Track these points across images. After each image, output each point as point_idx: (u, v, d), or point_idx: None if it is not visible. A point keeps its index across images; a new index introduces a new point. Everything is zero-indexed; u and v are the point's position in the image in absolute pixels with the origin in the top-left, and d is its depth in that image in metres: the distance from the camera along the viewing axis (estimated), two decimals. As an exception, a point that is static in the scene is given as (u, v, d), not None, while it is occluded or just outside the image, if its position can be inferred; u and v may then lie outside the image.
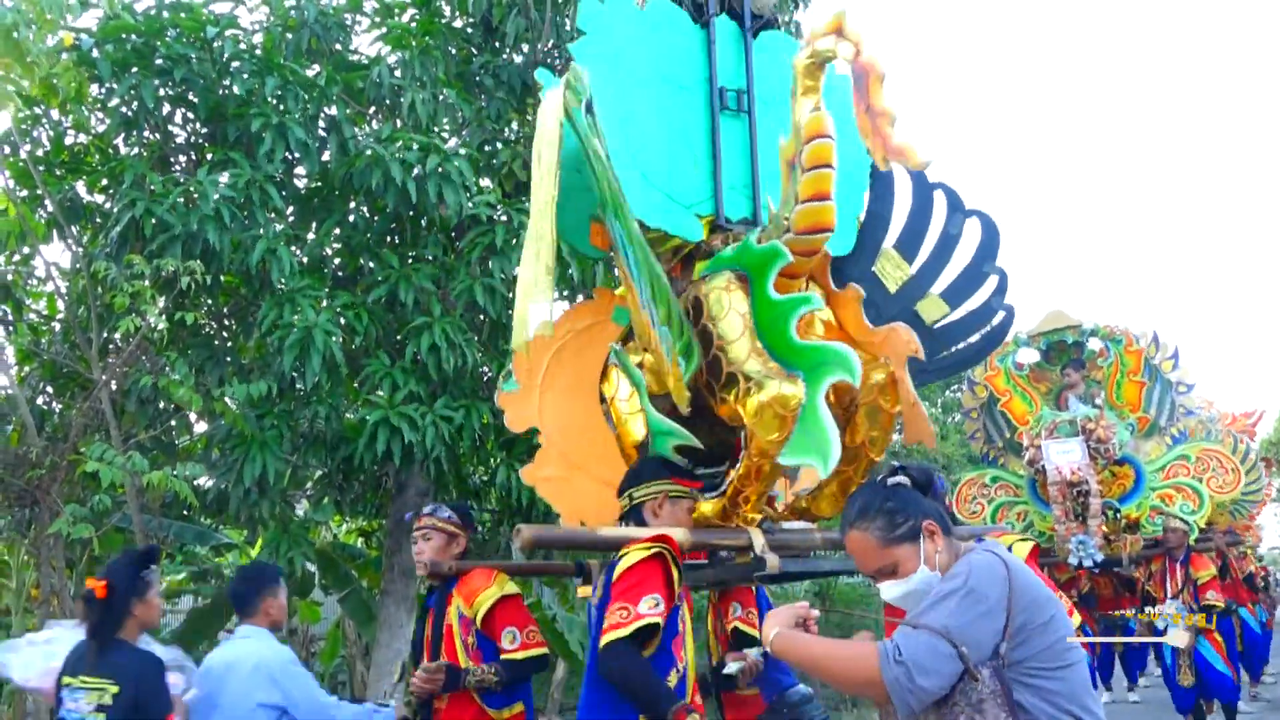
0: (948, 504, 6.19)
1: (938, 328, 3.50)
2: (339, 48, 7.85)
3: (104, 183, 7.06)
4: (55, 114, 7.05)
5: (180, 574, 10.55)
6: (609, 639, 2.64)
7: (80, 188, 7.17)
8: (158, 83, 6.65)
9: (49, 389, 7.45)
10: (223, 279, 6.99)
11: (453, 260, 7.31)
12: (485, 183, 7.95)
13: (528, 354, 3.07)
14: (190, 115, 7.23)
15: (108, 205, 7.00)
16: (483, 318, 7.33)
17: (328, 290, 7.03)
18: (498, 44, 8.34)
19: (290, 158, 7.09)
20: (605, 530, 2.90)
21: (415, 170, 6.69)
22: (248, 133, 6.67)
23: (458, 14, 8.60)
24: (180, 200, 6.38)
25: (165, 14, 6.89)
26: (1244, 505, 8.13)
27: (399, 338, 7.22)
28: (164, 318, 6.38)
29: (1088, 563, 5.93)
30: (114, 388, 6.70)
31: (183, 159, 7.44)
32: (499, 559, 6.66)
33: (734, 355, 2.92)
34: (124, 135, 7.11)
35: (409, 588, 7.61)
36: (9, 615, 7.62)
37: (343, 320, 6.79)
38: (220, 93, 6.96)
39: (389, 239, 7.61)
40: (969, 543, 2.12)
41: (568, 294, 7.53)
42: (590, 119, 2.92)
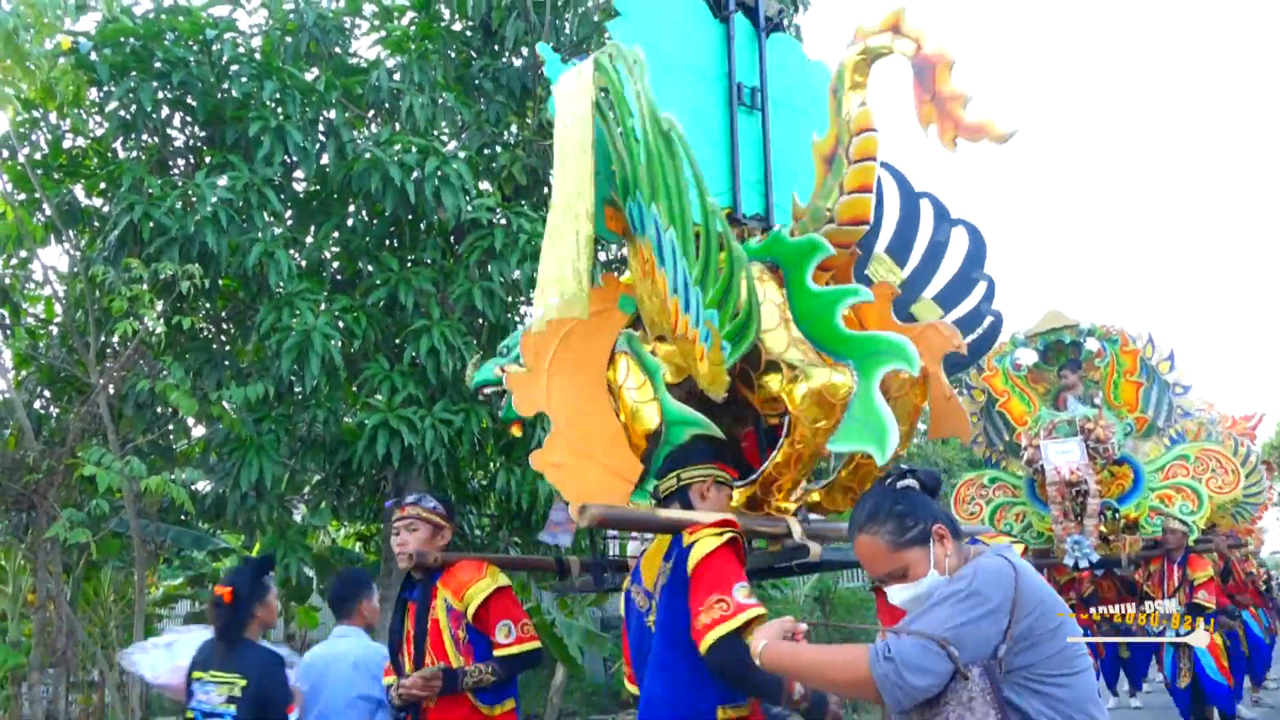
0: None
1: None
2: (338, 51, 7.90)
3: (102, 186, 7.11)
4: (53, 117, 7.10)
5: (177, 579, 10.58)
6: (718, 634, 2.54)
7: (78, 191, 7.22)
8: (156, 86, 6.71)
9: (46, 393, 7.50)
10: (221, 283, 7.04)
11: (452, 264, 7.36)
12: (484, 186, 8.01)
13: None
14: (188, 118, 7.29)
15: (105, 209, 7.06)
16: (482, 321, 7.38)
17: (326, 293, 7.07)
18: (497, 47, 8.40)
19: (289, 161, 7.14)
20: (665, 512, 2.89)
21: (414, 173, 6.73)
22: (246, 136, 6.72)
23: (457, 17, 8.66)
24: (178, 203, 6.43)
25: (164, 17, 6.95)
26: (1246, 508, 8.19)
27: (398, 341, 7.26)
28: (162, 321, 6.43)
29: (1083, 563, 5.97)
30: (111, 392, 6.74)
31: (181, 162, 7.50)
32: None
33: (771, 344, 2.96)
34: (122, 138, 7.17)
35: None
36: (6, 620, 7.66)
37: (341, 324, 6.84)
38: (219, 96, 7.02)
39: (388, 242, 7.66)
40: (978, 547, 2.14)
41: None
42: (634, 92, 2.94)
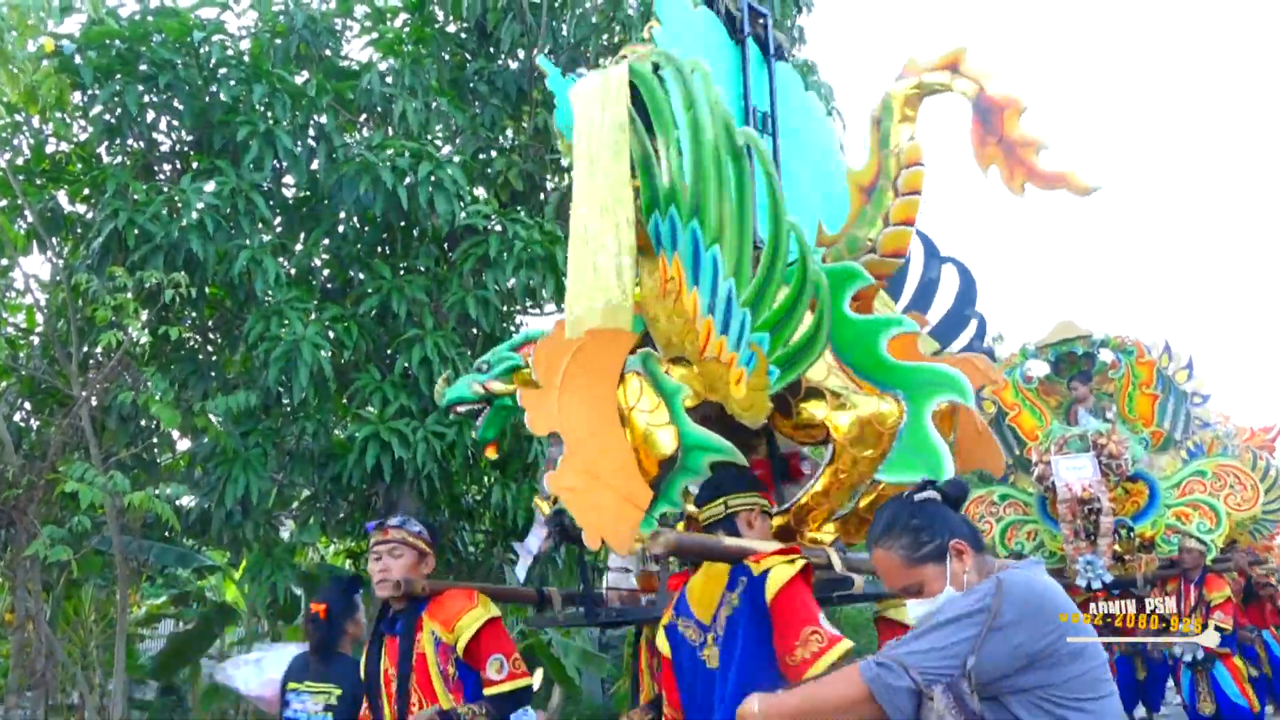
0: None
1: None
2: (329, 54, 7.92)
3: (85, 192, 7.12)
4: (36, 121, 7.12)
5: (160, 597, 10.56)
6: (820, 668, 2.53)
7: (61, 197, 7.23)
8: (142, 89, 6.72)
9: (27, 405, 7.50)
10: (207, 291, 7.03)
11: (445, 272, 7.36)
12: (479, 192, 8.02)
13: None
14: (175, 123, 7.30)
15: (89, 215, 7.06)
16: (476, 331, 7.38)
17: (316, 302, 7.07)
18: (492, 50, 8.42)
19: (278, 166, 7.15)
20: (730, 540, 2.90)
21: (407, 178, 6.74)
22: (234, 141, 6.73)
23: (451, 19, 8.69)
24: (164, 210, 6.43)
25: (150, 19, 6.97)
26: (1264, 524, 8.14)
27: (389, 351, 7.26)
28: (146, 331, 6.43)
29: (1096, 584, 5.93)
30: (94, 404, 6.74)
31: (167, 168, 7.51)
32: (492, 583, 6.70)
33: (812, 370, 3.01)
34: (106, 143, 7.18)
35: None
36: (-17, 640, 7.63)
37: (331, 333, 6.83)
38: (206, 99, 7.03)
39: (379, 250, 7.66)
40: (1002, 561, 2.12)
41: (563, 307, 7.59)
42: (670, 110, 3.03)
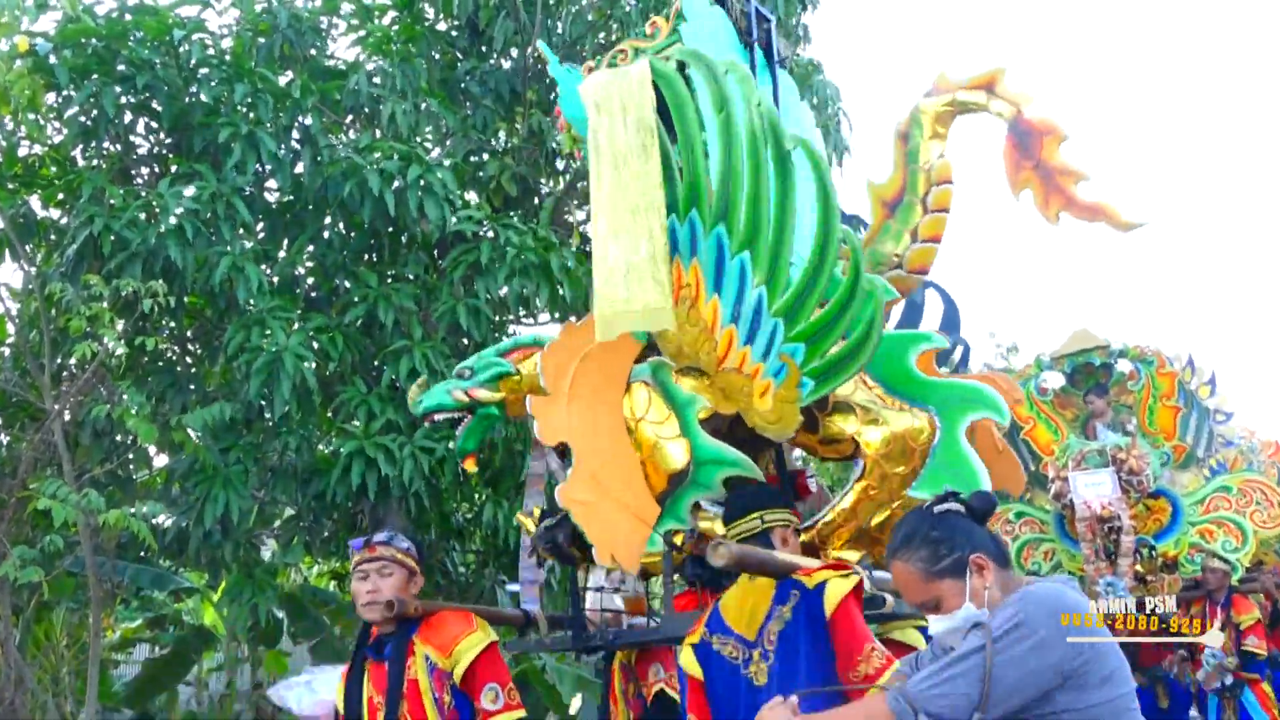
0: None
1: None
2: (314, 53, 7.92)
3: (60, 197, 7.09)
4: (9, 123, 7.09)
5: (135, 621, 10.47)
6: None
7: (34, 202, 7.19)
8: (119, 90, 6.70)
9: (-3, 419, 7.44)
10: (186, 300, 7.00)
11: (434, 280, 7.34)
12: (471, 197, 7.99)
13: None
14: (153, 125, 7.28)
15: (63, 221, 7.03)
16: (466, 342, 7.34)
17: (299, 311, 7.05)
18: (484, 49, 8.42)
19: (260, 170, 7.14)
20: (783, 555, 2.91)
21: (395, 182, 6.73)
22: (215, 143, 6.71)
23: (441, 17, 8.69)
24: (141, 215, 6.40)
25: (128, 17, 6.96)
26: (1290, 543, 8.11)
27: (376, 363, 7.22)
28: (122, 342, 6.38)
29: (1119, 607, 5.89)
30: (67, 418, 6.68)
31: (145, 171, 7.49)
32: (483, 605, 6.63)
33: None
34: (82, 146, 7.16)
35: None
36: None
37: (315, 344, 6.80)
38: (186, 101, 7.01)
39: (366, 256, 7.64)
40: (1029, 579, 2.11)
41: (558, 316, 7.56)
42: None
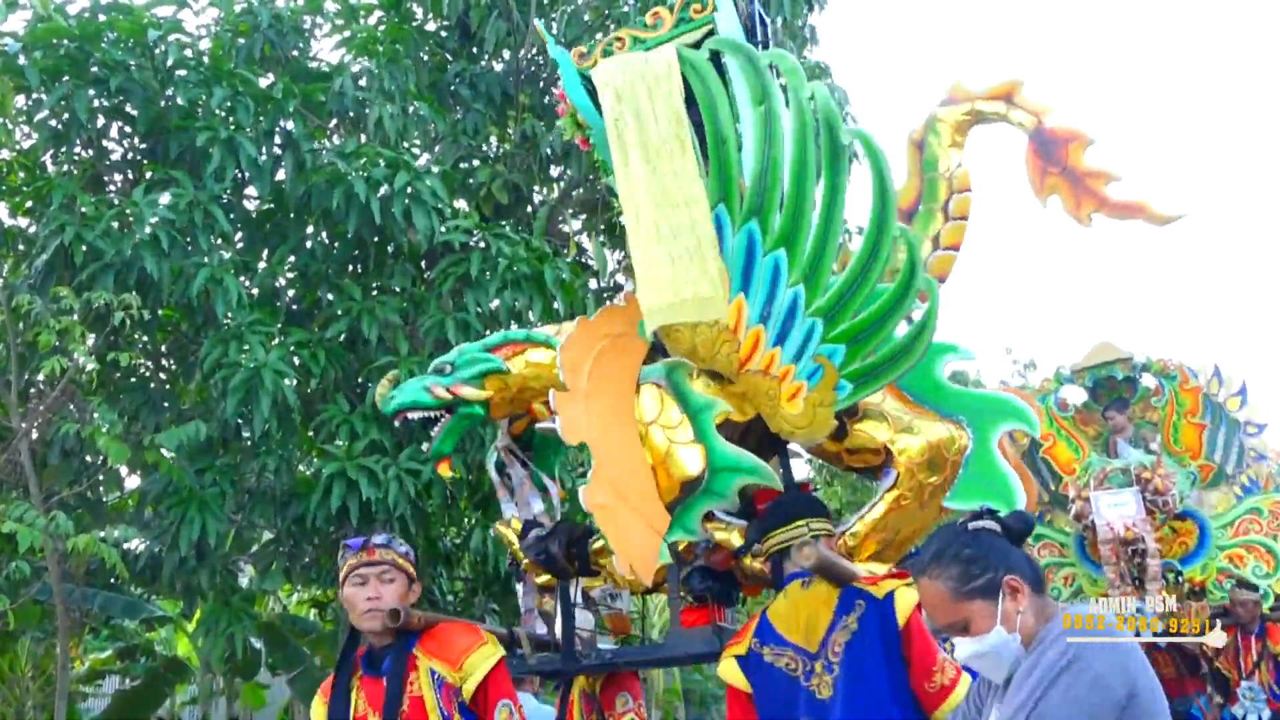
0: None
1: None
2: (296, 55, 7.94)
3: (29, 205, 7.09)
4: (-25, 128, 7.10)
5: (105, 651, 10.42)
6: (955, 702, 2.60)
7: (1, 210, 7.22)
8: (92, 93, 6.71)
9: (-40, 439, 7.41)
10: (161, 313, 7.00)
11: (422, 292, 7.33)
12: (460, 205, 8.00)
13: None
14: (128, 129, 7.29)
15: (32, 230, 7.04)
16: (456, 357, 7.34)
17: (280, 326, 7.04)
18: (475, 50, 8.45)
19: (240, 176, 7.15)
20: (852, 564, 2.99)
21: (381, 190, 6.74)
22: (192, 149, 6.72)
23: (431, 17, 8.72)
24: (114, 224, 6.40)
25: (101, 17, 6.97)
26: (1323, 568, 8.06)
27: (360, 380, 7.21)
28: (93, 358, 6.37)
29: (1148, 634, 5.84)
30: (35, 437, 6.66)
31: (118, 178, 7.49)
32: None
33: None
34: (53, 151, 7.17)
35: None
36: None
37: (296, 360, 6.79)
38: (162, 104, 7.02)
39: (350, 268, 7.65)
40: (1063, 605, 2.10)
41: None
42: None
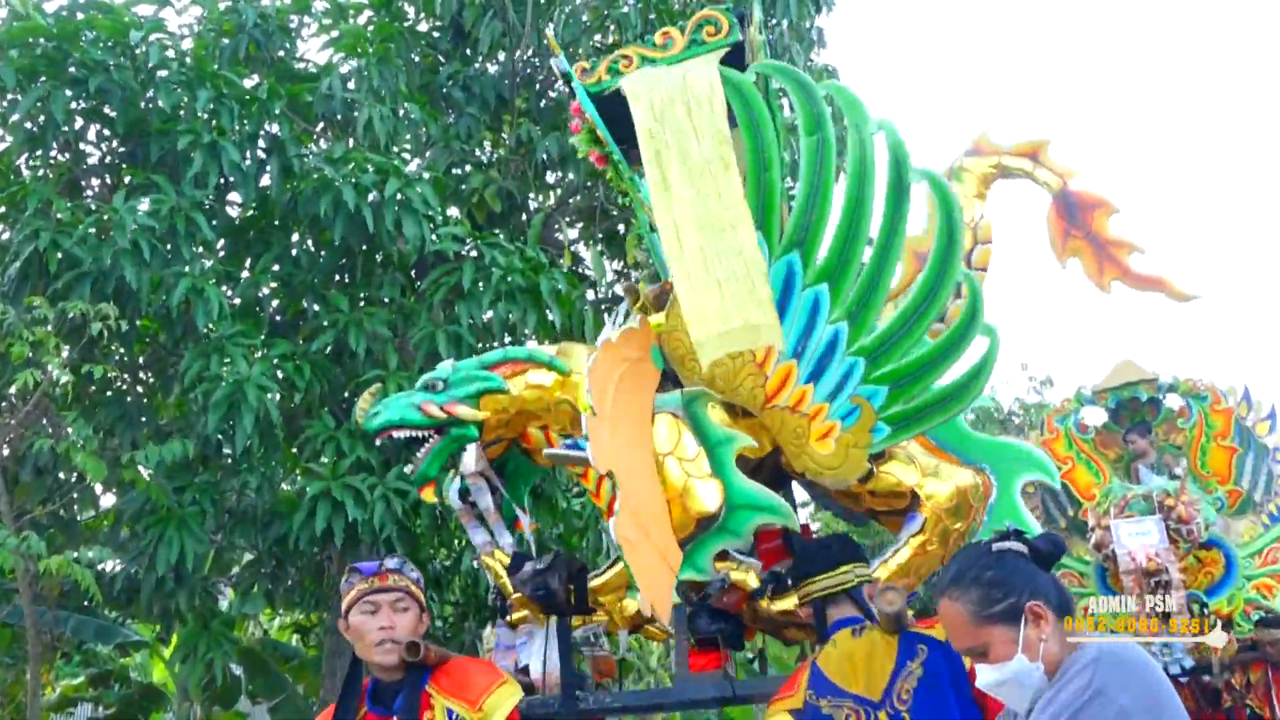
0: None
1: None
2: (282, 55, 7.95)
3: (2, 210, 7.06)
4: (-53, 130, 7.11)
5: (77, 677, 10.37)
6: None
7: (-28, 216, 7.20)
8: (70, 94, 6.71)
9: (-73, 454, 7.39)
10: (139, 324, 6.98)
11: (412, 303, 7.32)
12: (453, 212, 8.00)
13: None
14: (106, 132, 7.28)
15: (5, 236, 7.01)
16: (447, 371, 7.32)
17: (263, 338, 7.03)
18: (469, 51, 8.46)
19: (223, 182, 7.14)
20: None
21: (370, 196, 6.73)
22: (173, 153, 6.72)
23: (423, 16, 8.73)
24: (92, 231, 6.39)
25: (80, 15, 6.98)
26: (1354, 598, 8.04)
27: (346, 394, 7.19)
28: (68, 370, 6.35)
29: (1174, 669, 5.79)
30: (6, 454, 6.64)
31: (96, 183, 7.49)
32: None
33: None
34: (28, 155, 7.16)
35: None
36: None
37: (280, 373, 6.77)
38: (142, 106, 7.03)
39: (337, 278, 7.64)
40: (1094, 633, 2.08)
41: (548, 344, 7.54)
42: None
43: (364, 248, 7.27)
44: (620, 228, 8.73)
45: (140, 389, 7.66)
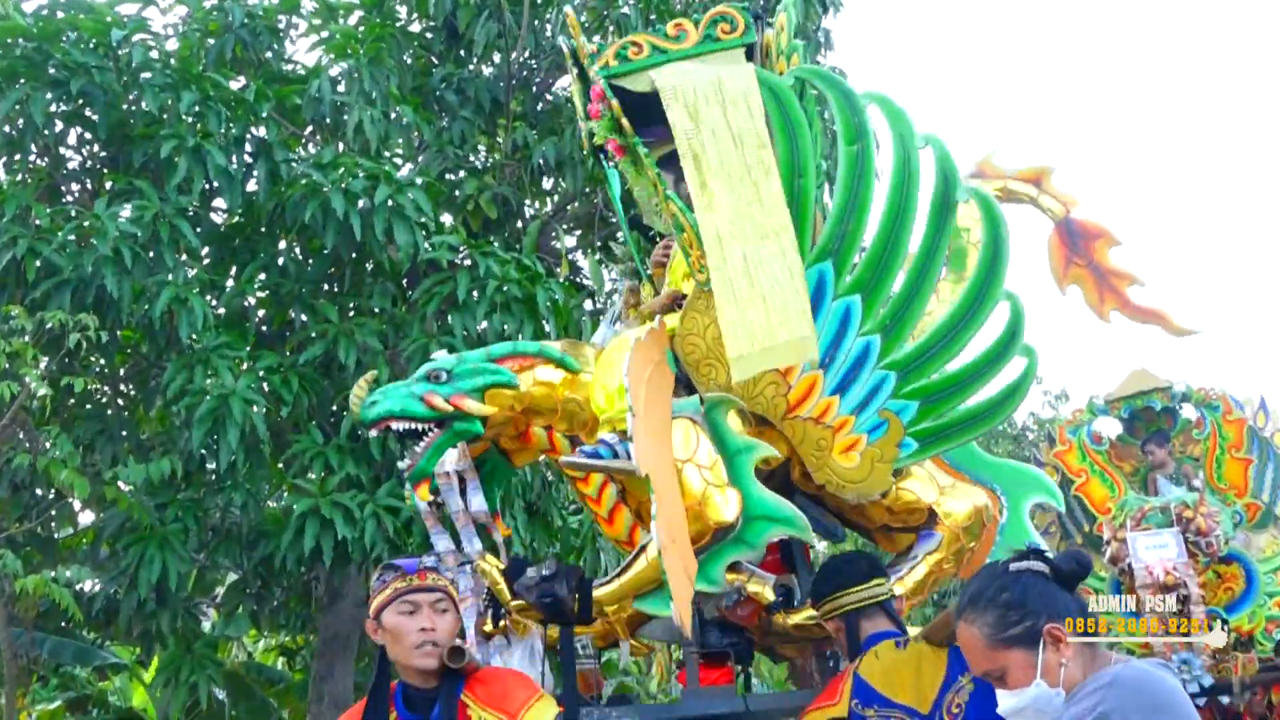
0: None
1: None
2: (270, 56, 7.98)
3: (-22, 216, 7.10)
4: (-78, 133, 7.12)
5: (54, 702, 10.34)
6: None
7: (-52, 222, 7.21)
8: (50, 96, 6.73)
9: (-100, 469, 7.39)
10: (120, 335, 6.99)
11: (404, 314, 7.34)
12: (446, 219, 8.03)
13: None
14: (88, 135, 7.31)
15: (-18, 244, 7.03)
16: (440, 383, 7.32)
17: (249, 349, 7.02)
18: (463, 53, 8.49)
19: (208, 188, 7.16)
20: None
21: (361, 202, 6.74)
22: (157, 158, 6.73)
23: (415, 17, 8.77)
24: (71, 238, 6.41)
25: (62, 15, 7.00)
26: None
27: (335, 408, 7.20)
28: (46, 383, 6.35)
29: (1192, 688, 5.79)
30: (-19, 469, 6.64)
31: (76, 188, 7.50)
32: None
33: None
34: (6, 159, 7.17)
35: (342, 721, 7.47)
36: None
37: (266, 386, 6.78)
38: (125, 109, 7.05)
39: (326, 287, 7.64)
40: (1120, 656, 2.08)
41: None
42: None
43: (354, 256, 7.28)
44: (619, 235, 8.76)
45: (121, 402, 7.66)
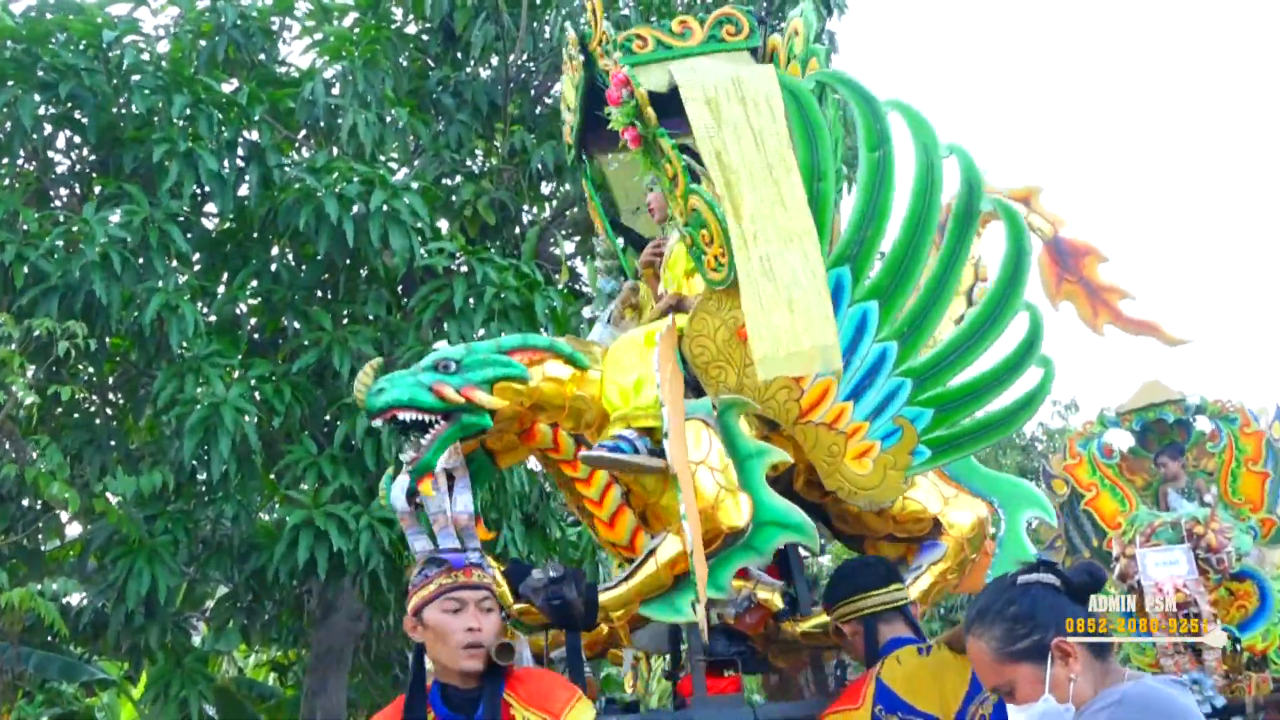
0: None
1: None
2: (263, 58, 8.00)
3: (-36, 222, 7.12)
4: (-92, 137, 7.14)
5: (41, 718, 10.34)
6: None
7: (-65, 227, 7.23)
8: (38, 99, 6.76)
9: (-117, 480, 7.40)
10: (109, 343, 7.01)
11: (399, 322, 7.35)
12: (442, 225, 8.04)
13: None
14: (77, 139, 7.34)
15: (-33, 250, 7.05)
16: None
17: (241, 357, 7.04)
18: (460, 55, 8.50)
19: (199, 192, 7.16)
20: None
21: (355, 207, 6.75)
22: (147, 161, 6.75)
23: (411, 18, 8.79)
24: (60, 243, 6.43)
25: (51, 16, 7.03)
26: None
27: (329, 418, 7.22)
28: (33, 392, 6.37)
29: (1205, 709, 5.80)
30: (-34, 479, 6.65)
31: (65, 193, 7.53)
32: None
33: None
34: (-8, 163, 7.20)
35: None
36: None
37: (259, 395, 6.79)
38: (115, 112, 7.08)
39: (320, 294, 7.65)
40: (1133, 672, 2.10)
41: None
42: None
43: (348, 262, 7.28)
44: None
45: (110, 411, 7.68)
